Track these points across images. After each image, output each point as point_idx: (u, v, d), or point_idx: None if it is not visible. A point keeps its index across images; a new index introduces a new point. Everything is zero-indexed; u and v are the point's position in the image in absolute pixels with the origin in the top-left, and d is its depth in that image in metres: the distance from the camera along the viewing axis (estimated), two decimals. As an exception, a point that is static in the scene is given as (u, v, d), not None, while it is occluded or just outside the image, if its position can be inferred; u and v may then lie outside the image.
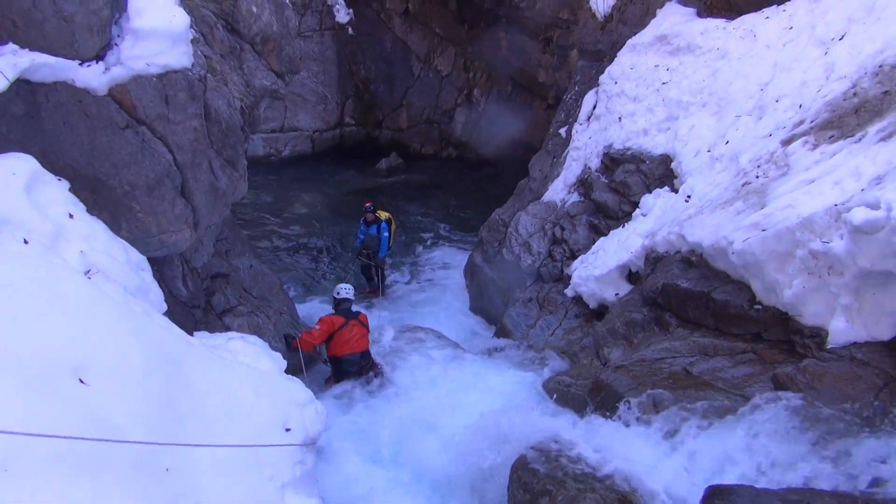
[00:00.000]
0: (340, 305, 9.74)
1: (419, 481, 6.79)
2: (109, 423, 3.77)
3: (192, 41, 7.13)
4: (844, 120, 7.36)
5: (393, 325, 11.05)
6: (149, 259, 6.63)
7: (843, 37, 8.93)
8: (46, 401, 3.54)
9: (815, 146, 7.31)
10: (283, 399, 5.76)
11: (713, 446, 5.39)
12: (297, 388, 6.26)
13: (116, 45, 6.45)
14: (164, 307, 6.23)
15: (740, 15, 11.53)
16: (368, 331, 9.55)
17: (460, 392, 8.41)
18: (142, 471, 3.80)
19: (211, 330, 7.61)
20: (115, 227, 6.42)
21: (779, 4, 10.94)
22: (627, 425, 6.15)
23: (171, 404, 4.36)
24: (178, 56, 6.79)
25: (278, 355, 7.02)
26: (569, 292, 10.50)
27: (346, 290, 10.01)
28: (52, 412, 3.50)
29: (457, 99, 23.91)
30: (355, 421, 8.01)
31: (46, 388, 3.62)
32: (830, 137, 7.23)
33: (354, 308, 9.80)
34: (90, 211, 6.12)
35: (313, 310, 12.53)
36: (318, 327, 9.07)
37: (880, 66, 7.69)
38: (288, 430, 5.55)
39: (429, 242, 17.34)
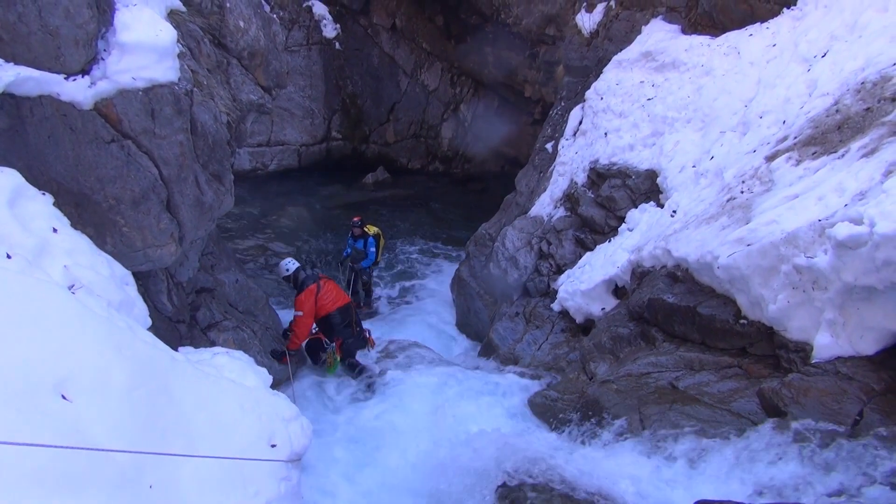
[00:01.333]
0: (300, 277, 9.80)
1: (403, 496, 6.75)
2: (92, 439, 3.72)
3: (179, 55, 7.10)
4: (827, 136, 7.43)
5: (379, 340, 11.03)
6: (133, 274, 6.58)
7: (825, 54, 9.04)
8: (28, 417, 3.50)
9: (799, 162, 7.37)
10: (269, 415, 5.71)
11: (702, 463, 5.41)
12: (282, 404, 6.21)
13: (102, 59, 6.41)
14: (149, 322, 6.19)
15: (724, 32, 11.64)
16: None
17: (446, 406, 8.38)
18: (125, 488, 3.76)
19: (196, 345, 7.55)
20: (100, 241, 6.37)
21: (762, 22, 11.06)
22: (614, 441, 6.15)
23: (155, 420, 4.31)
24: (165, 70, 6.76)
25: (264, 371, 6.97)
26: (555, 307, 10.51)
27: (292, 262, 10.09)
28: (34, 428, 3.46)
29: (443, 114, 24.01)
30: (342, 434, 7.97)
31: (28, 404, 3.57)
32: (814, 153, 7.29)
33: None
34: (74, 225, 6.08)
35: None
36: (300, 312, 9.11)
37: (862, 83, 7.78)
38: (273, 446, 5.50)
39: (415, 257, 17.34)
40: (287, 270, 10.02)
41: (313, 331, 9.61)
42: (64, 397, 3.78)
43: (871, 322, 5.40)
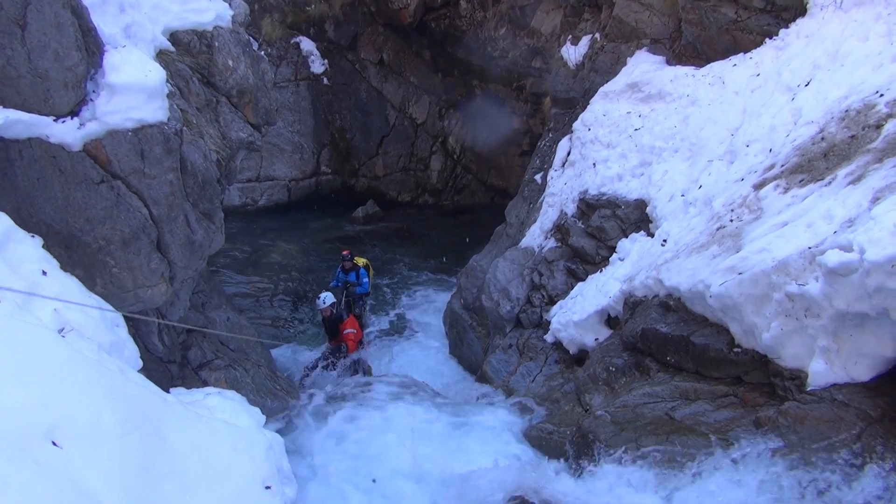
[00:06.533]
0: (335, 309, 11.96)
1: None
2: (84, 487, 3.67)
3: (168, 95, 7.14)
4: (814, 164, 7.50)
5: (371, 374, 10.97)
6: (124, 315, 6.54)
7: (808, 83, 9.15)
8: (18, 465, 3.45)
9: (787, 190, 7.42)
10: (262, 455, 5.65)
11: (700, 493, 5.37)
12: (276, 443, 6.15)
13: (91, 100, 6.44)
14: (140, 364, 6.14)
15: (708, 63, 11.78)
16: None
17: (440, 442, 8.31)
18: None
19: (188, 385, 7.49)
20: (90, 283, 6.34)
21: (745, 53, 11.20)
22: (612, 474, 6.10)
23: (148, 465, 4.25)
24: (154, 110, 6.79)
25: (257, 410, 6.90)
26: (548, 338, 10.48)
27: (330, 296, 11.94)
28: (25, 477, 3.40)
29: (432, 146, 24.12)
30: (336, 470, 7.87)
31: (18, 451, 3.52)
32: (801, 181, 7.35)
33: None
34: (64, 267, 6.05)
35: (292, 360, 12.42)
36: (354, 330, 11.89)
37: (846, 111, 7.87)
38: (268, 487, 5.44)
39: (407, 290, 17.30)
40: (324, 303, 11.78)
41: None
42: (55, 444, 3.73)
43: (864, 348, 5.40)
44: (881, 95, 7.63)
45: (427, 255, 19.95)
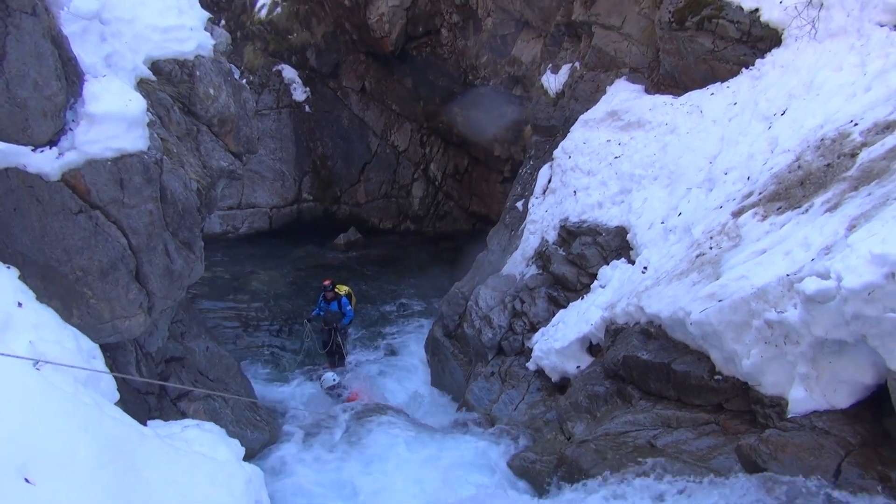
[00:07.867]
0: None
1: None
2: (56, 524, 3.60)
3: (149, 124, 7.12)
4: (791, 191, 7.58)
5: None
6: (101, 345, 6.45)
7: (784, 112, 9.27)
8: (-11, 504, 3.38)
9: (765, 217, 7.49)
10: (241, 489, 5.57)
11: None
12: (255, 477, 6.07)
13: (71, 129, 6.41)
14: (117, 396, 6.04)
15: (686, 92, 11.91)
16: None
17: (423, 472, 8.24)
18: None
19: (165, 417, 7.39)
20: (67, 313, 6.26)
21: (722, 82, 11.34)
22: (594, 502, 6.07)
23: (122, 501, 4.18)
24: (134, 139, 6.77)
25: (236, 442, 6.82)
26: (530, 366, 10.44)
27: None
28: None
29: (414, 174, 24.19)
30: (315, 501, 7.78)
31: (-11, 489, 3.45)
32: (778, 209, 7.42)
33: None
34: (40, 298, 5.98)
35: (272, 391, 12.32)
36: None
37: (821, 140, 7.98)
38: (246, 521, 5.36)
39: (388, 317, 17.24)
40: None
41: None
42: (27, 480, 3.66)
43: (843, 375, 5.43)
44: (855, 124, 7.74)
45: (408, 282, 19.91)
